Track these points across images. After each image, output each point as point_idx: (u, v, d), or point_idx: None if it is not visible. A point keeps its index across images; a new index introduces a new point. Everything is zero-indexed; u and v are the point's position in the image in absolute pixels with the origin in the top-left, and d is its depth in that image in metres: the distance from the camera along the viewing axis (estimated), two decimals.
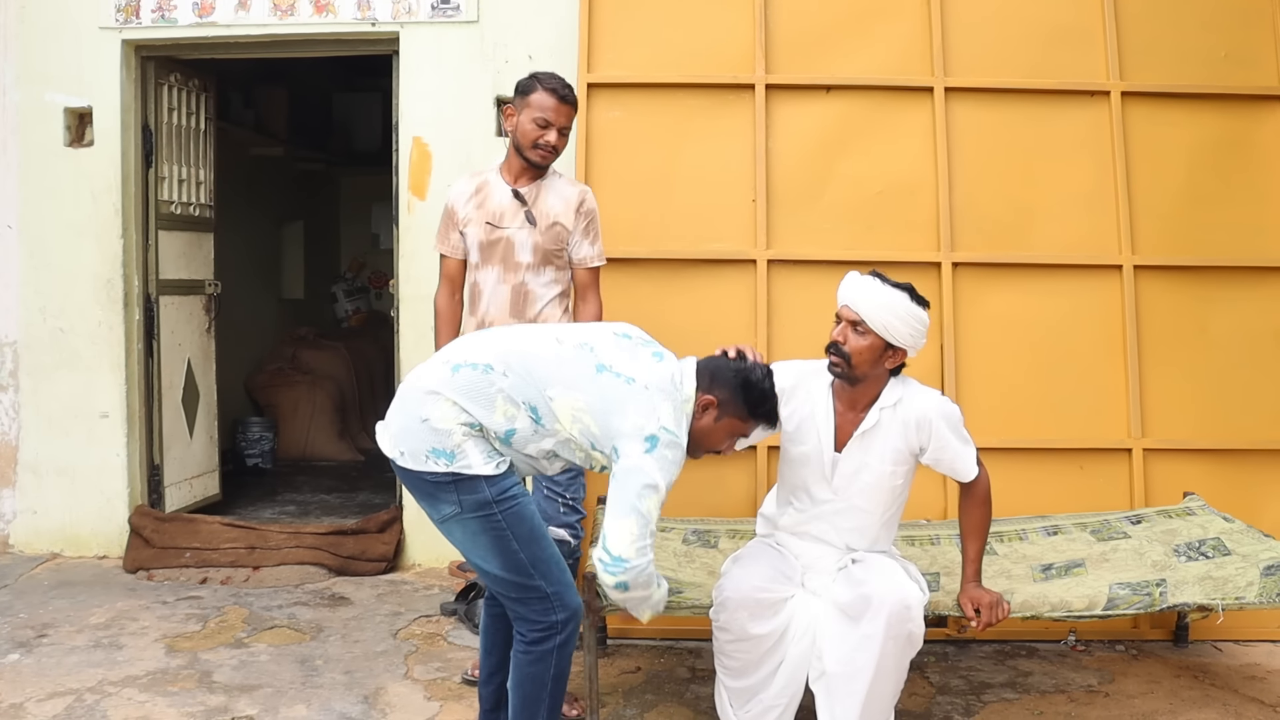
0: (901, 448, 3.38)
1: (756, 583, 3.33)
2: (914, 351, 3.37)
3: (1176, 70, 5.06)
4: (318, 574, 5.45)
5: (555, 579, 3.12)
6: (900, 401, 3.38)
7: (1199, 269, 4.93)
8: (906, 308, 3.28)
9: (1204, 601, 3.61)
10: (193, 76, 6.28)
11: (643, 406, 2.99)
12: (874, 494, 3.41)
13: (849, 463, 3.40)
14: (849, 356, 3.31)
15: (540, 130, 3.89)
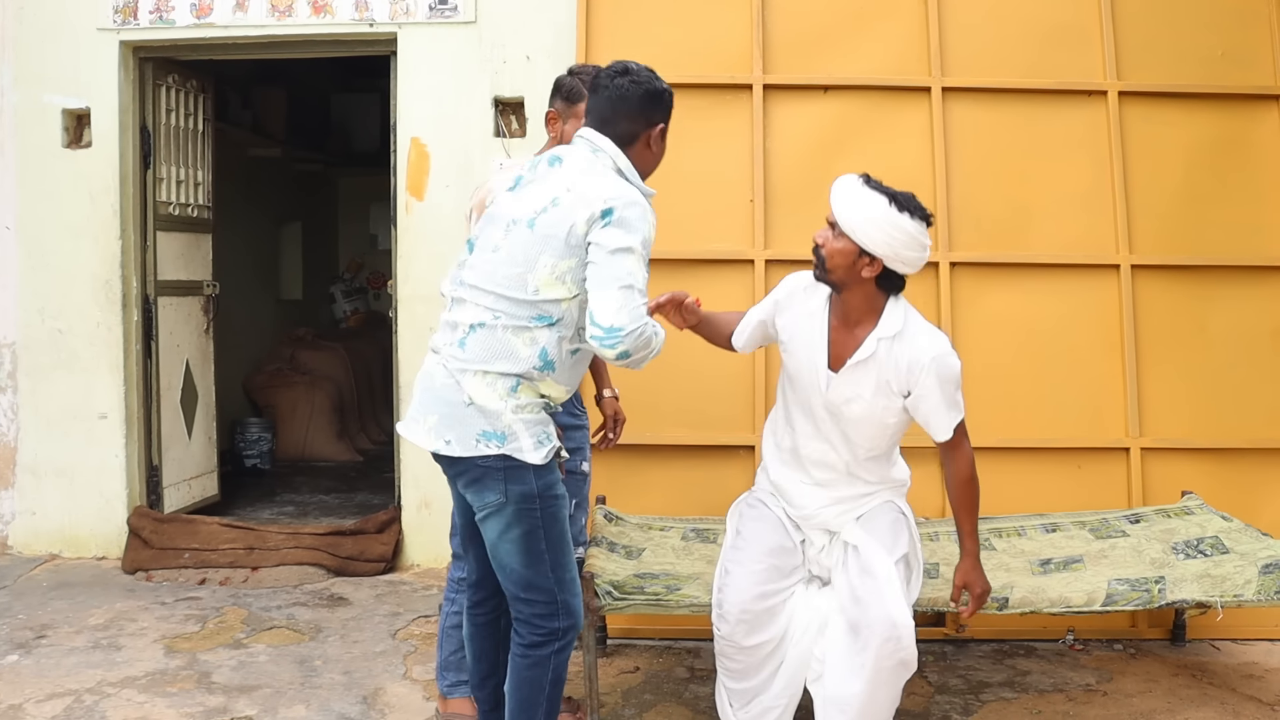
0: (894, 384, 3.23)
1: (755, 591, 3.27)
2: (901, 265, 3.19)
3: (1173, 70, 5.06)
4: (316, 574, 5.45)
5: (568, 586, 3.11)
6: (899, 336, 3.22)
7: (1196, 268, 4.93)
8: (885, 213, 3.11)
9: (1202, 599, 3.61)
10: (191, 77, 6.28)
11: (579, 205, 2.94)
12: (865, 426, 3.29)
13: (841, 389, 3.26)
14: (824, 259, 3.21)
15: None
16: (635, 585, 3.76)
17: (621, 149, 3.07)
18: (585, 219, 2.91)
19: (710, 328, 3.55)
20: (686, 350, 4.72)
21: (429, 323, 5.58)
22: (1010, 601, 3.65)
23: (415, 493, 5.65)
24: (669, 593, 3.73)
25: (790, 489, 3.43)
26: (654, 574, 3.90)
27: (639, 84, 3.10)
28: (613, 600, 3.66)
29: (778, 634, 3.29)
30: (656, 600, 3.71)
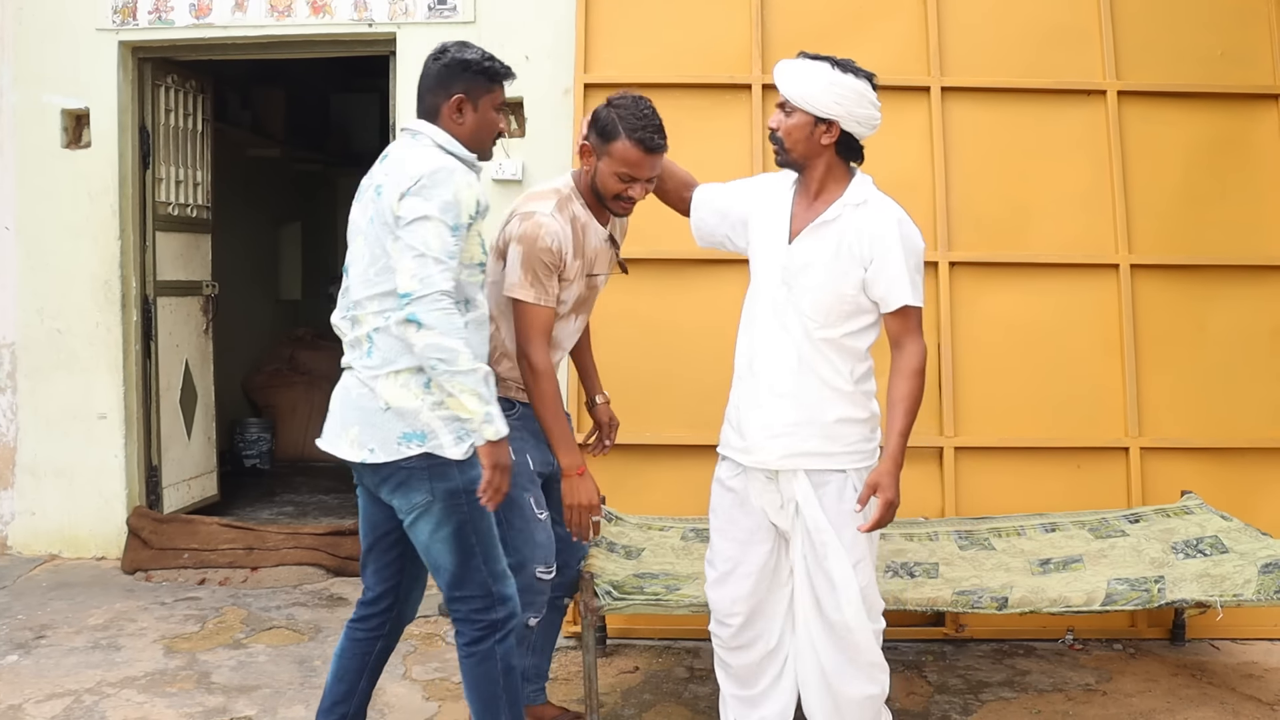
0: (856, 249, 3.10)
1: (738, 620, 3.25)
2: (856, 126, 3.15)
3: (1173, 69, 5.05)
4: (316, 574, 5.44)
5: (500, 577, 3.15)
6: (866, 203, 3.15)
7: (1195, 268, 4.93)
8: (829, 75, 3.10)
9: (1202, 598, 3.61)
10: (190, 78, 6.27)
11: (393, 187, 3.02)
12: (819, 294, 3.11)
13: (800, 254, 3.15)
14: (781, 140, 3.17)
15: (624, 185, 3.36)
16: (635, 585, 3.76)
17: (434, 124, 3.16)
18: (397, 196, 2.99)
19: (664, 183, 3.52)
20: (685, 351, 4.74)
21: None
22: (1010, 601, 3.65)
23: None
24: (668, 592, 3.73)
25: (743, 412, 3.25)
26: (653, 574, 3.91)
27: (439, 59, 3.19)
28: (612, 600, 3.66)
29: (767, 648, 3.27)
30: (656, 600, 3.71)
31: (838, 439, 3.14)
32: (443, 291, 2.92)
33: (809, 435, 3.14)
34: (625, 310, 4.93)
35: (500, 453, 2.98)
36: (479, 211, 3.06)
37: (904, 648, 4.50)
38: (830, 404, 3.14)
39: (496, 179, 5.52)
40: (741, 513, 3.27)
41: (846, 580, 3.11)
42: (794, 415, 3.15)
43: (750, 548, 3.25)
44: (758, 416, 3.19)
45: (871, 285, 3.12)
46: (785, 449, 3.16)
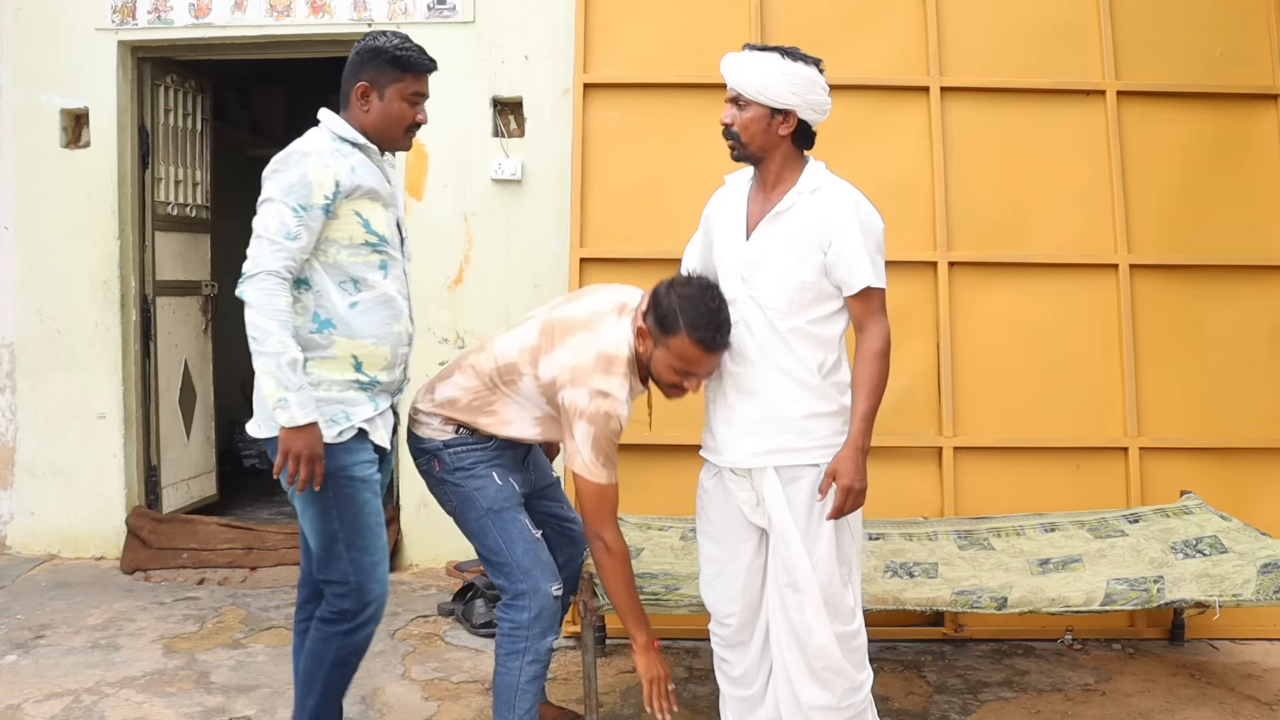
0: (814, 234, 3.06)
1: (735, 620, 3.24)
2: (812, 113, 3.12)
3: (1172, 69, 5.05)
4: None
5: (365, 570, 3.17)
6: (820, 189, 3.12)
7: (1195, 268, 4.93)
8: (781, 65, 3.06)
9: (1201, 598, 3.61)
10: (189, 77, 6.27)
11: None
12: (780, 285, 3.07)
13: (756, 249, 3.12)
14: (737, 134, 3.12)
15: (679, 377, 3.17)
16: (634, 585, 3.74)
17: (342, 112, 3.26)
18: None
19: None
20: None
21: (427, 322, 5.57)
22: (1009, 601, 3.64)
23: (414, 492, 5.64)
24: (668, 592, 3.73)
25: (712, 412, 3.25)
26: (653, 574, 3.90)
27: (354, 51, 3.28)
28: None
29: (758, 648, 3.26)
30: (655, 600, 3.71)
31: (807, 434, 3.09)
32: (269, 271, 2.97)
33: (776, 432, 3.10)
34: None
35: (294, 440, 2.97)
36: (340, 191, 3.09)
37: (903, 648, 4.49)
38: (796, 399, 3.09)
39: (496, 179, 5.52)
40: (720, 513, 3.26)
41: (807, 581, 3.07)
42: (760, 412, 3.11)
43: (734, 548, 3.24)
44: (725, 415, 3.19)
45: (832, 269, 3.07)
46: (754, 447, 3.12)
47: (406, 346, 3.29)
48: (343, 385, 3.13)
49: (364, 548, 3.16)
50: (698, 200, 4.83)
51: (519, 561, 3.27)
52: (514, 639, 3.27)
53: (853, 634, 3.14)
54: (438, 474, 3.33)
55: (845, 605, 3.12)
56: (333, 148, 3.15)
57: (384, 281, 3.18)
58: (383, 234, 3.18)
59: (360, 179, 3.13)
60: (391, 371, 3.24)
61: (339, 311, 3.11)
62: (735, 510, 3.21)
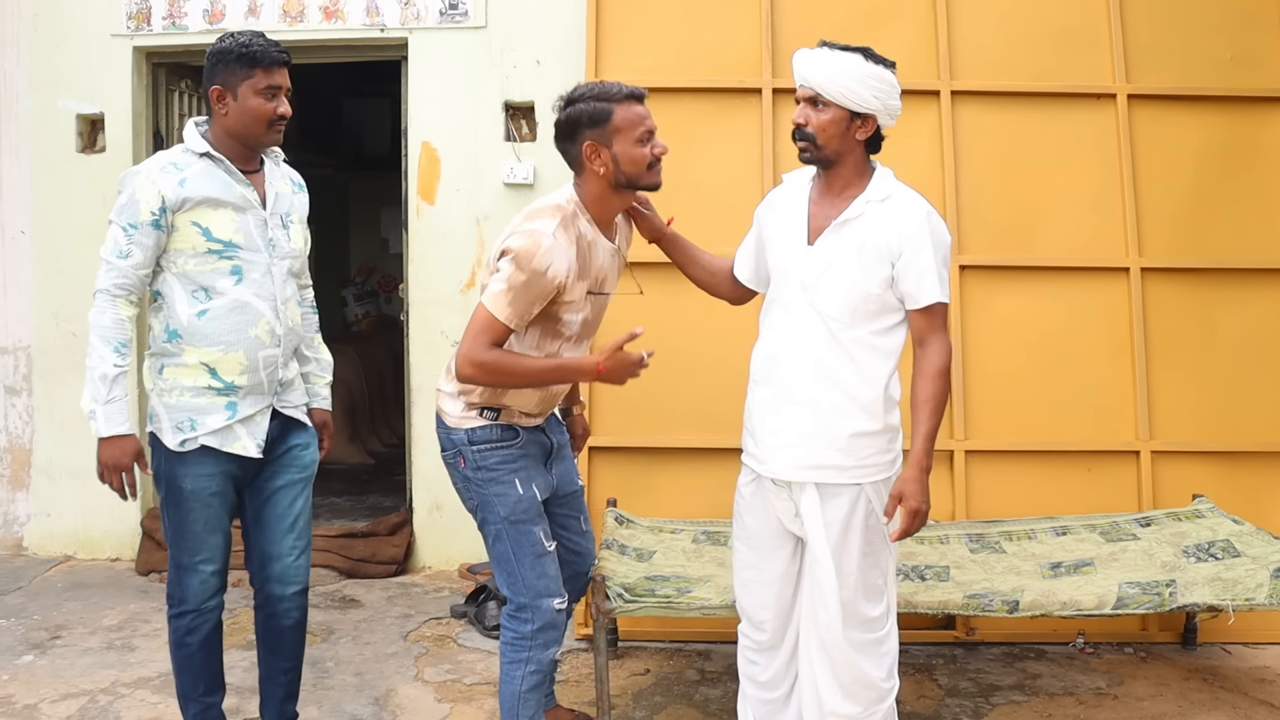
0: (883, 245, 2.99)
1: (770, 625, 3.22)
2: (887, 117, 3.08)
3: (1183, 72, 5.03)
4: (328, 576, 5.45)
5: (180, 571, 3.40)
6: (890, 199, 3.04)
7: (1206, 271, 4.91)
8: (863, 67, 2.99)
9: (1214, 602, 3.59)
10: None
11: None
12: (842, 295, 3.01)
13: (820, 256, 3.04)
14: (813, 136, 3.04)
15: (648, 144, 3.13)
16: (646, 588, 3.75)
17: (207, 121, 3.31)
18: None
19: (681, 251, 3.45)
20: (694, 352, 4.73)
21: (440, 326, 5.58)
22: (1020, 604, 3.63)
23: (427, 495, 5.65)
24: (680, 595, 3.72)
25: (757, 419, 3.18)
26: (665, 576, 3.90)
27: (205, 58, 3.28)
28: (623, 602, 3.65)
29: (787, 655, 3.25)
30: (667, 603, 3.70)
31: (852, 452, 3.04)
32: (101, 290, 3.19)
33: (822, 447, 3.05)
34: (632, 315, 4.90)
35: (103, 450, 3.16)
36: (167, 206, 3.17)
37: (915, 651, 4.48)
38: (848, 416, 3.03)
39: (508, 183, 5.53)
40: (757, 519, 3.22)
41: (830, 592, 3.05)
42: (809, 425, 3.06)
43: (769, 555, 3.21)
44: (772, 424, 3.12)
45: (899, 281, 3.01)
46: (797, 460, 3.07)
47: (272, 349, 3.30)
48: (195, 392, 3.21)
49: (182, 550, 3.34)
50: (709, 204, 4.87)
51: (524, 575, 3.26)
52: (516, 648, 3.28)
53: (879, 640, 3.12)
54: (462, 470, 3.32)
55: (866, 615, 3.10)
56: (163, 163, 3.21)
57: (236, 288, 3.22)
58: (230, 240, 3.22)
59: (192, 190, 3.18)
60: (254, 375, 3.27)
61: (184, 321, 3.19)
62: (772, 517, 3.18)
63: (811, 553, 3.09)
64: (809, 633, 3.14)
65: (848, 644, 3.07)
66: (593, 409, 4.81)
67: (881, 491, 3.09)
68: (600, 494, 4.70)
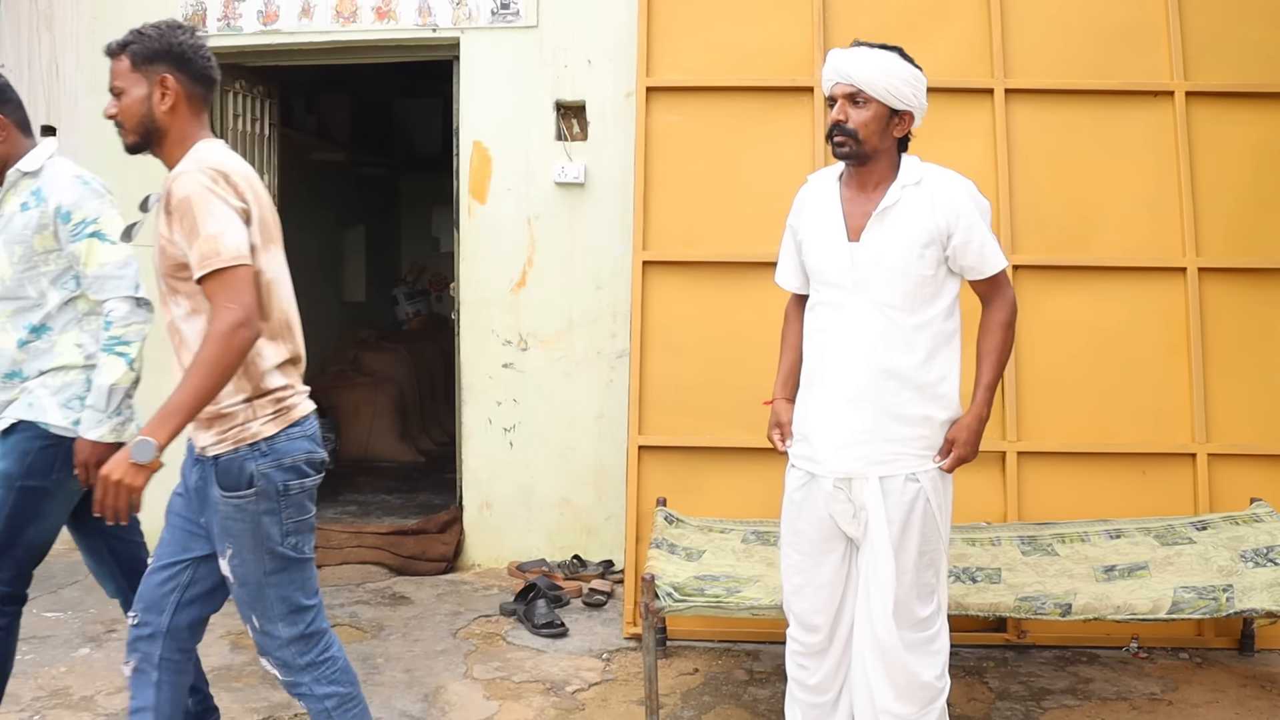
0: (930, 226, 3.03)
1: (823, 629, 3.20)
2: (920, 116, 3.12)
3: (1242, 69, 4.96)
4: (379, 573, 5.49)
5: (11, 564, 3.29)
6: (923, 181, 3.08)
7: (1265, 271, 4.84)
8: (900, 65, 3.04)
9: (1273, 608, 3.55)
10: (257, 83, 6.36)
11: None
12: (898, 282, 3.03)
13: (869, 250, 3.06)
14: (855, 132, 3.04)
15: None
16: (695, 587, 3.75)
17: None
18: None
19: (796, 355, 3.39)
20: (744, 351, 4.73)
21: (490, 325, 5.61)
22: (1073, 608, 3.60)
23: (476, 493, 5.68)
24: (729, 595, 3.72)
25: (812, 420, 3.16)
26: (714, 576, 3.90)
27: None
28: (673, 602, 3.66)
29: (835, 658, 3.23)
30: (716, 602, 3.71)
31: (915, 442, 3.08)
32: None
33: (884, 440, 3.06)
34: (683, 314, 4.93)
35: None
36: None
37: (965, 653, 4.45)
38: (912, 405, 3.06)
39: (559, 182, 5.55)
40: (808, 525, 3.20)
41: (888, 590, 3.05)
42: (869, 421, 3.06)
43: (820, 559, 3.19)
44: (829, 424, 3.12)
45: (959, 257, 3.07)
46: (858, 456, 3.07)
47: None
48: None
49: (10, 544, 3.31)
50: (760, 203, 4.87)
51: None
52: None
53: (930, 639, 3.12)
54: None
55: (917, 615, 3.09)
56: None
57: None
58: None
59: None
60: None
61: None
62: (824, 520, 3.16)
63: (871, 549, 3.08)
64: (863, 634, 3.12)
65: (901, 644, 3.06)
66: (642, 408, 4.82)
67: (939, 485, 3.10)
68: (650, 493, 4.71)
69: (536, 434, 5.62)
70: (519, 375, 5.62)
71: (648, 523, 4.59)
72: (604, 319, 5.56)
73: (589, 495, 5.58)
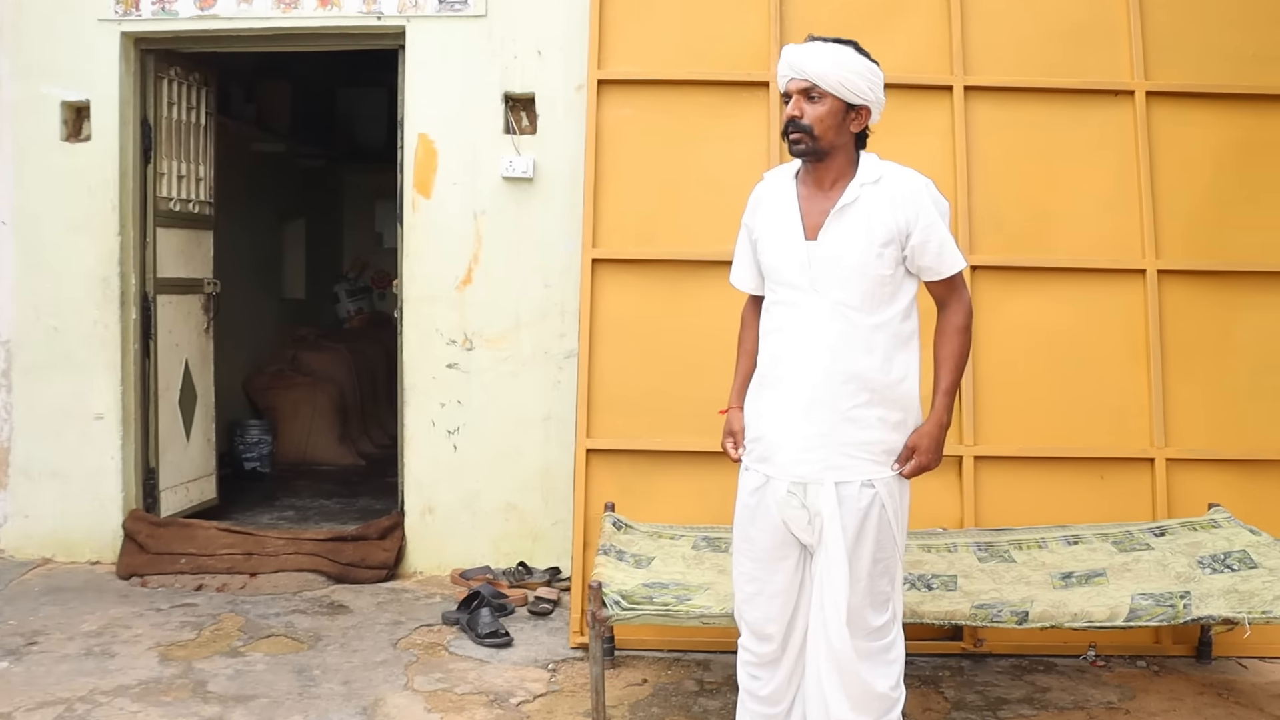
0: (889, 225, 3.05)
1: (776, 639, 3.20)
2: (877, 111, 3.13)
3: (1202, 69, 5.03)
4: (316, 581, 5.45)
5: None
6: (882, 178, 3.10)
7: (1224, 274, 4.91)
8: (855, 59, 3.05)
9: (1230, 615, 3.59)
10: (193, 70, 6.29)
11: None
12: (856, 282, 3.04)
13: (826, 249, 3.07)
14: (810, 128, 3.05)
15: None
16: (644, 595, 3.75)
17: None
18: None
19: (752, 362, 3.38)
20: (697, 352, 4.74)
21: (435, 324, 5.58)
22: (1030, 615, 3.64)
23: (419, 498, 5.65)
24: (679, 603, 3.72)
25: (767, 423, 3.17)
26: (664, 584, 3.90)
27: None
28: (620, 610, 3.65)
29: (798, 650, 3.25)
30: (666, 611, 3.70)
31: (872, 447, 3.08)
32: None
33: (840, 444, 3.07)
34: (634, 313, 4.93)
35: None
36: None
37: (920, 662, 4.48)
38: (869, 408, 3.07)
39: (507, 177, 5.53)
40: (762, 531, 3.20)
41: (842, 598, 3.06)
42: (825, 425, 3.07)
43: (773, 566, 3.19)
44: (784, 427, 3.12)
45: (917, 257, 3.09)
46: (814, 460, 3.08)
47: None
48: None
49: None
50: (713, 200, 4.88)
51: None
52: None
53: (885, 648, 3.14)
54: None
55: (871, 624, 3.11)
56: None
57: None
58: None
59: None
60: None
61: None
62: (778, 526, 3.17)
63: (825, 556, 3.08)
64: (817, 643, 3.13)
65: (855, 653, 3.07)
66: (591, 410, 4.82)
67: (894, 490, 3.11)
68: (598, 498, 4.70)
69: (481, 436, 5.59)
70: (464, 376, 5.59)
71: (595, 529, 4.58)
72: (552, 318, 5.54)
73: (535, 500, 5.56)
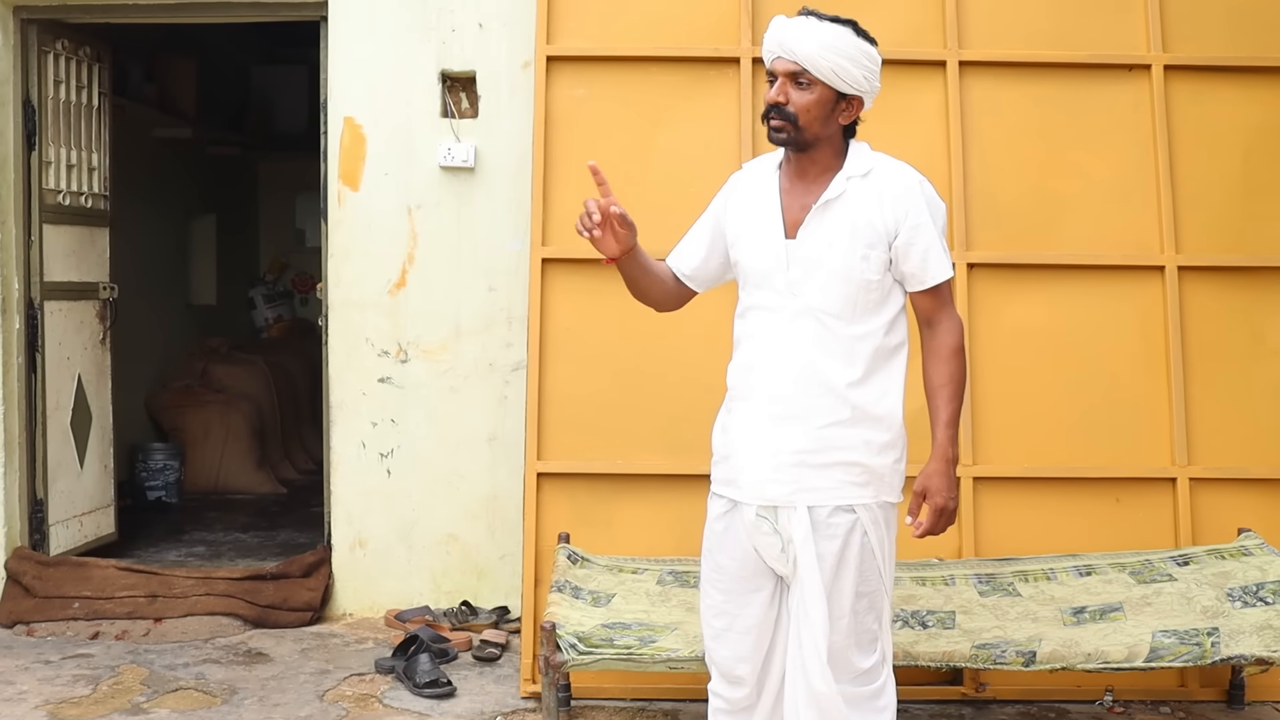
0: (877, 224, 3.04)
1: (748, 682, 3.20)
2: (870, 99, 3.12)
3: (1228, 40, 5.08)
4: (231, 626, 5.41)
5: None
6: (872, 172, 3.10)
7: (1253, 270, 4.95)
8: (853, 43, 3.02)
9: (1264, 654, 3.62)
10: (84, 44, 6.24)
11: None
12: (838, 286, 3.04)
13: (807, 247, 3.07)
14: (795, 117, 3.04)
15: None
16: (604, 637, 3.75)
17: None
18: None
19: (648, 276, 3.37)
20: (660, 363, 4.74)
21: (365, 333, 5.56)
22: (1038, 656, 3.65)
23: (348, 530, 5.62)
24: (643, 645, 3.72)
25: (736, 440, 3.17)
26: (625, 624, 3.90)
27: None
28: (577, 655, 3.65)
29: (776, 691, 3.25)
30: (628, 654, 3.70)
31: (852, 469, 3.08)
32: None
33: (817, 465, 3.07)
34: (589, 319, 4.92)
35: None
36: None
37: (916, 710, 4.49)
38: (850, 427, 3.07)
39: (445, 166, 5.51)
40: (732, 559, 3.20)
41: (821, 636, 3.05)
42: (801, 443, 3.07)
43: (745, 599, 3.19)
44: (753, 444, 3.13)
45: (901, 262, 3.08)
46: (785, 481, 3.08)
47: None
48: None
49: None
50: (678, 191, 4.87)
51: None
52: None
53: (874, 694, 3.13)
54: None
55: (858, 667, 3.10)
56: None
57: None
58: None
59: None
60: None
61: None
62: (749, 555, 3.17)
63: (801, 589, 3.08)
64: (796, 687, 3.13)
65: (841, 699, 3.07)
66: (542, 429, 4.80)
67: (879, 518, 3.10)
68: (551, 528, 4.69)
69: (419, 460, 5.57)
70: (398, 391, 5.57)
71: (548, 562, 4.57)
72: (498, 325, 5.53)
73: (480, 531, 5.54)
